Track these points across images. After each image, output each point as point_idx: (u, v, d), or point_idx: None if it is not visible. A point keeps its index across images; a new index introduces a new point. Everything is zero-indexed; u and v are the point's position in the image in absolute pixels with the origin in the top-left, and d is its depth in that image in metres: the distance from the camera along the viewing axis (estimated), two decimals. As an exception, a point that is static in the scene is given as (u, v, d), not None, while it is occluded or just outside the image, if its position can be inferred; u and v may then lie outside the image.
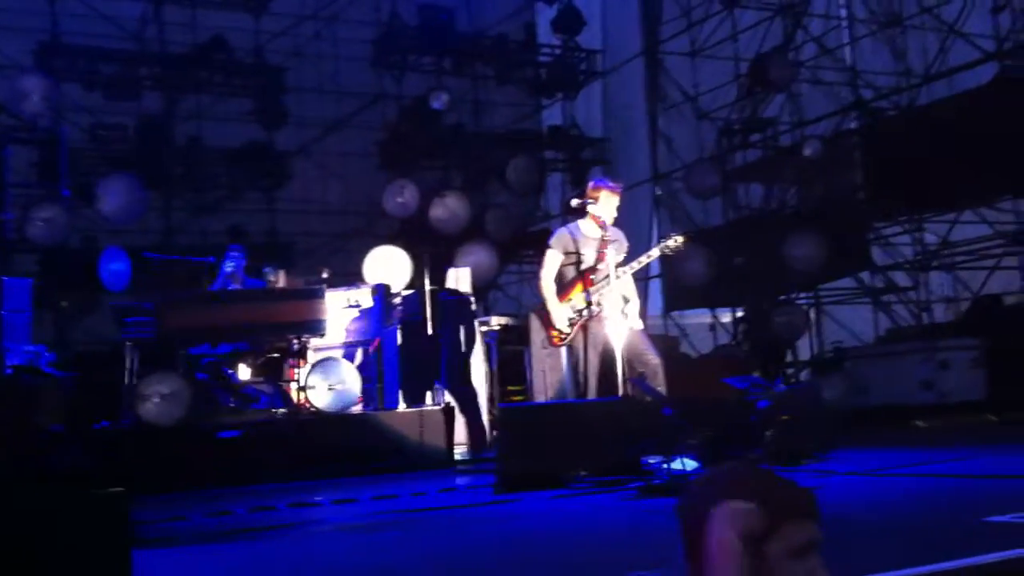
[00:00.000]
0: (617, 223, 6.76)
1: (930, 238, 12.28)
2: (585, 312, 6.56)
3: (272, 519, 5.30)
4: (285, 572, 4.03)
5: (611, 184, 6.85)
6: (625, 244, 6.74)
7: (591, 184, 6.99)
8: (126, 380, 7.56)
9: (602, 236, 6.62)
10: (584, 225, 6.74)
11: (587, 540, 4.36)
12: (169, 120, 12.83)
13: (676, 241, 6.67)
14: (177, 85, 12.98)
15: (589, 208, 6.65)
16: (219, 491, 6.61)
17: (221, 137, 13.06)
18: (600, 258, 6.58)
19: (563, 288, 6.65)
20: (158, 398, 7.15)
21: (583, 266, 6.62)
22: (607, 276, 6.50)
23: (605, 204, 6.67)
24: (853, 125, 12.83)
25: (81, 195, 10.35)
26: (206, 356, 7.82)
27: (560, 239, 6.74)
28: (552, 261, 6.70)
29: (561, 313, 6.58)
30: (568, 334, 6.56)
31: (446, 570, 3.79)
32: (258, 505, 5.64)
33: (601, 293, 6.55)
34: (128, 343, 7.67)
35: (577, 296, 6.60)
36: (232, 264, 8.34)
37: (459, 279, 8.64)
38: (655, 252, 6.82)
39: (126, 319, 7.77)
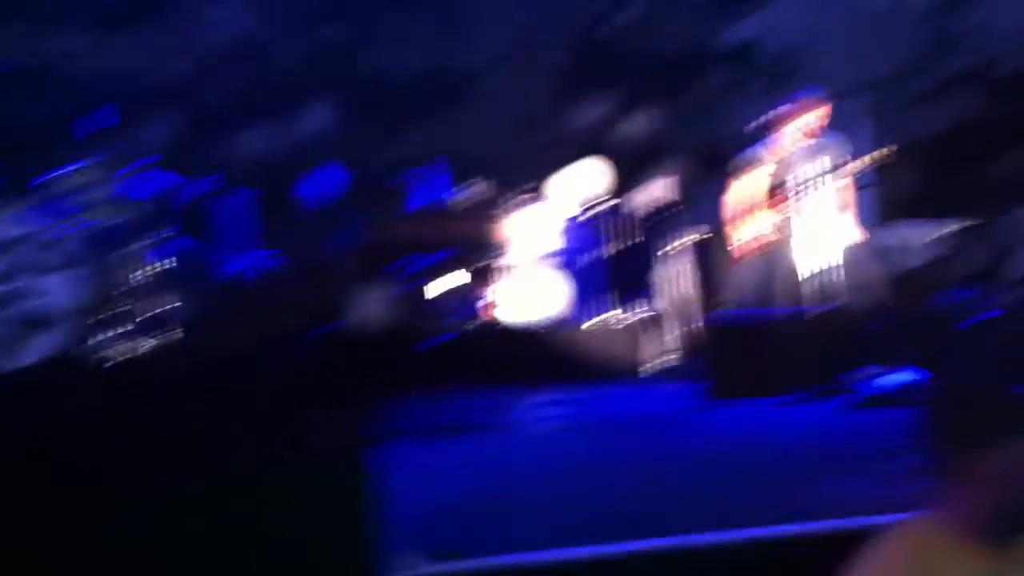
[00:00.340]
0: (819, 135, 6.61)
1: None
2: (784, 225, 6.46)
3: (482, 420, 5.50)
4: (497, 466, 4.20)
5: (807, 97, 6.73)
6: (829, 156, 6.56)
7: (790, 98, 6.87)
8: (336, 289, 7.92)
9: (800, 149, 6.51)
10: (780, 139, 6.64)
11: (794, 450, 4.35)
12: (361, 42, 13.05)
13: (880, 154, 6.47)
14: (361, 8, 13.18)
15: (786, 122, 6.57)
16: (428, 394, 6.86)
17: (409, 56, 13.20)
18: (796, 172, 6.46)
19: (761, 202, 6.57)
20: (368, 306, 7.49)
21: (781, 180, 6.52)
22: (807, 189, 6.38)
23: (803, 118, 6.56)
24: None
25: (292, 114, 10.80)
26: (408, 267, 8.09)
27: (756, 154, 6.66)
28: (748, 177, 6.63)
29: (756, 226, 6.51)
30: (768, 246, 6.49)
31: (650, 475, 3.87)
32: (463, 407, 5.84)
33: (800, 206, 6.43)
34: (340, 255, 8.03)
35: (773, 210, 6.51)
36: (434, 179, 8.59)
37: (657, 192, 8.59)
38: (859, 164, 6.59)
39: (334, 231, 8.13)
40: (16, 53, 10.00)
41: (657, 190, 8.58)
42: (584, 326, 7.93)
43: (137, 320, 5.60)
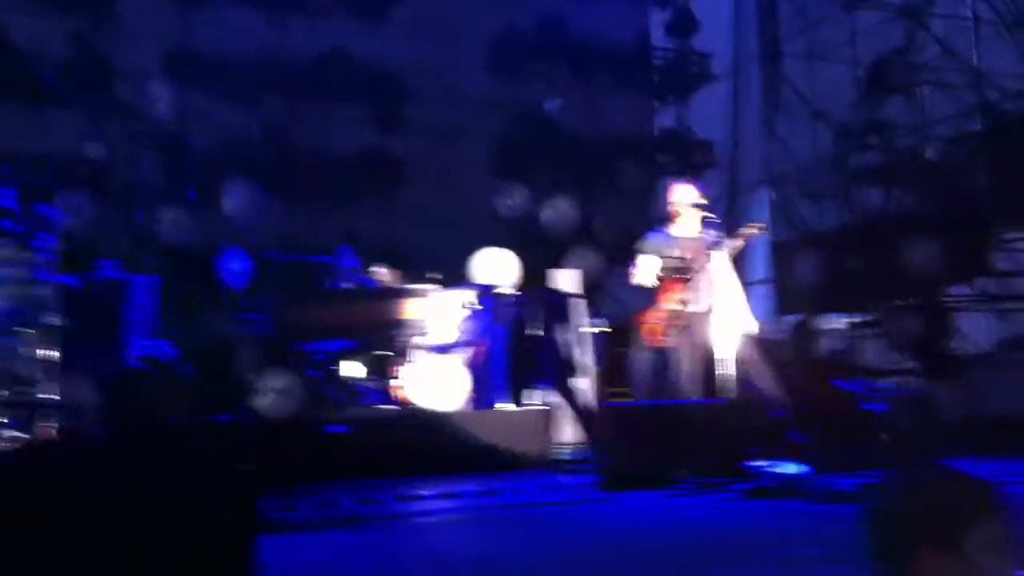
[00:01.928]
0: (709, 224, 6.81)
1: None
2: (682, 313, 6.57)
3: (378, 511, 5.41)
4: (388, 560, 4.13)
5: (689, 187, 6.97)
6: (722, 244, 6.71)
7: (676, 186, 7.09)
8: (242, 375, 7.80)
9: (692, 238, 6.69)
10: (674, 228, 6.81)
11: (688, 540, 4.35)
12: (290, 126, 13.16)
13: (753, 229, 6.80)
14: (298, 92, 13.31)
15: (676, 211, 6.78)
16: (326, 484, 6.73)
17: (340, 143, 13.35)
18: (695, 259, 6.62)
19: (660, 290, 6.68)
20: (272, 393, 7.37)
21: (677, 268, 6.66)
22: (702, 277, 6.54)
23: (687, 207, 6.77)
24: (977, 128, 12.40)
25: (205, 198, 10.75)
26: (317, 353, 8.02)
27: (651, 243, 6.80)
28: (644, 264, 6.74)
29: (656, 315, 6.62)
30: (665, 334, 6.59)
31: (546, 563, 3.84)
32: (364, 497, 5.75)
33: (696, 294, 6.57)
34: (244, 339, 7.92)
35: (673, 297, 6.63)
36: (346, 263, 8.57)
37: (565, 281, 8.65)
38: (737, 242, 6.77)
39: (243, 316, 8.05)
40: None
41: (565, 279, 8.64)
42: (484, 414, 7.90)
43: (27, 406, 5.44)
